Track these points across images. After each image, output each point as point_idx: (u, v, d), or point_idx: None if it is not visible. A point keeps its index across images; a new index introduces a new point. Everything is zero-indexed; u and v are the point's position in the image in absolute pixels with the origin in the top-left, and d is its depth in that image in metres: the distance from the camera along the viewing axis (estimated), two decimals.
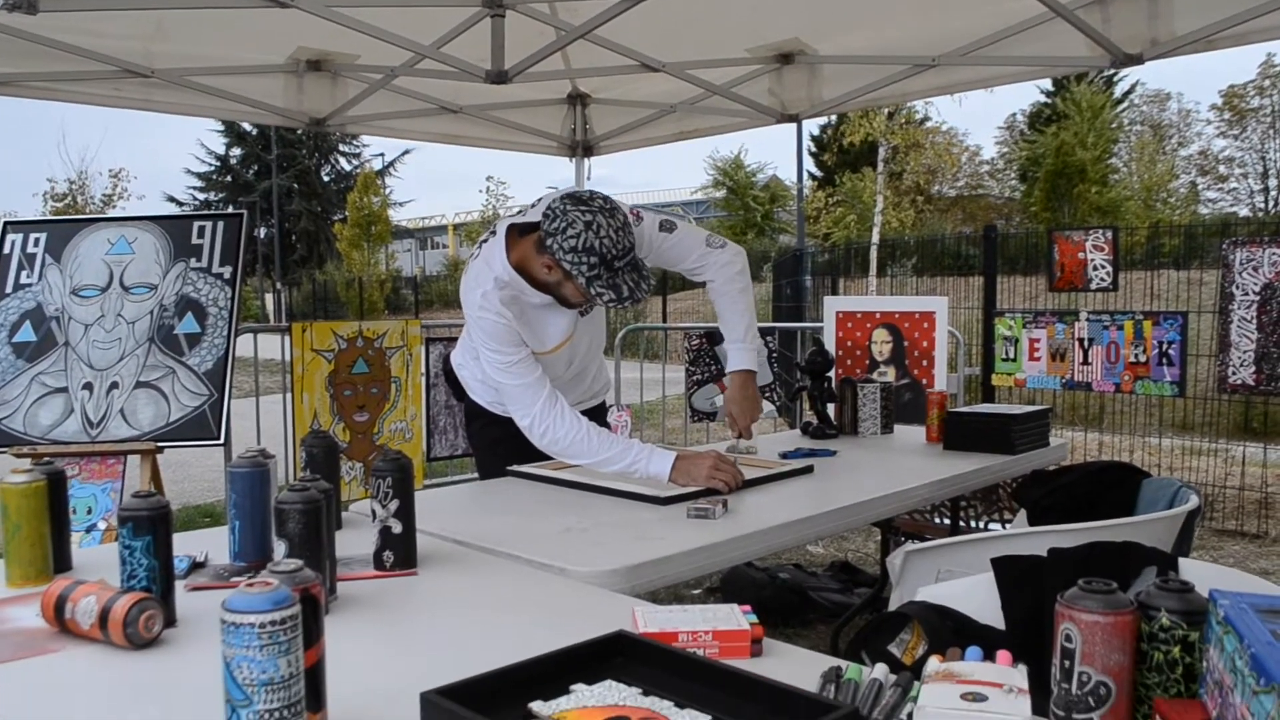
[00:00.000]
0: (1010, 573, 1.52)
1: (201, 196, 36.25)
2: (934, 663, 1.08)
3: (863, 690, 1.11)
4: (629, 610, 1.38)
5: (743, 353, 2.58)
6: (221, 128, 34.88)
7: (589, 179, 5.07)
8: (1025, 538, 1.88)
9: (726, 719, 1.04)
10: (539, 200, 2.44)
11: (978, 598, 1.51)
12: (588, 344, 2.61)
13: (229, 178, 36.50)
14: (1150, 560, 1.49)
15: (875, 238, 17.60)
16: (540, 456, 2.40)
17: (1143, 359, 4.52)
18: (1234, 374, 4.48)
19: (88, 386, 3.63)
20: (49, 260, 3.79)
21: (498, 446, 2.55)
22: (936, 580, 1.85)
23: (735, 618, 1.31)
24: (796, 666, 1.21)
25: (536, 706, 1.08)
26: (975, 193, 28.18)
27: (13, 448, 3.48)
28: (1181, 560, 1.55)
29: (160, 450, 3.55)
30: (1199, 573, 1.43)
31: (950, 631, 1.42)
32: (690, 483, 2.18)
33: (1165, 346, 4.48)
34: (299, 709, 0.95)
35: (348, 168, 37.25)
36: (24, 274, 3.76)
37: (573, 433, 2.26)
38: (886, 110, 17.71)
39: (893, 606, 1.93)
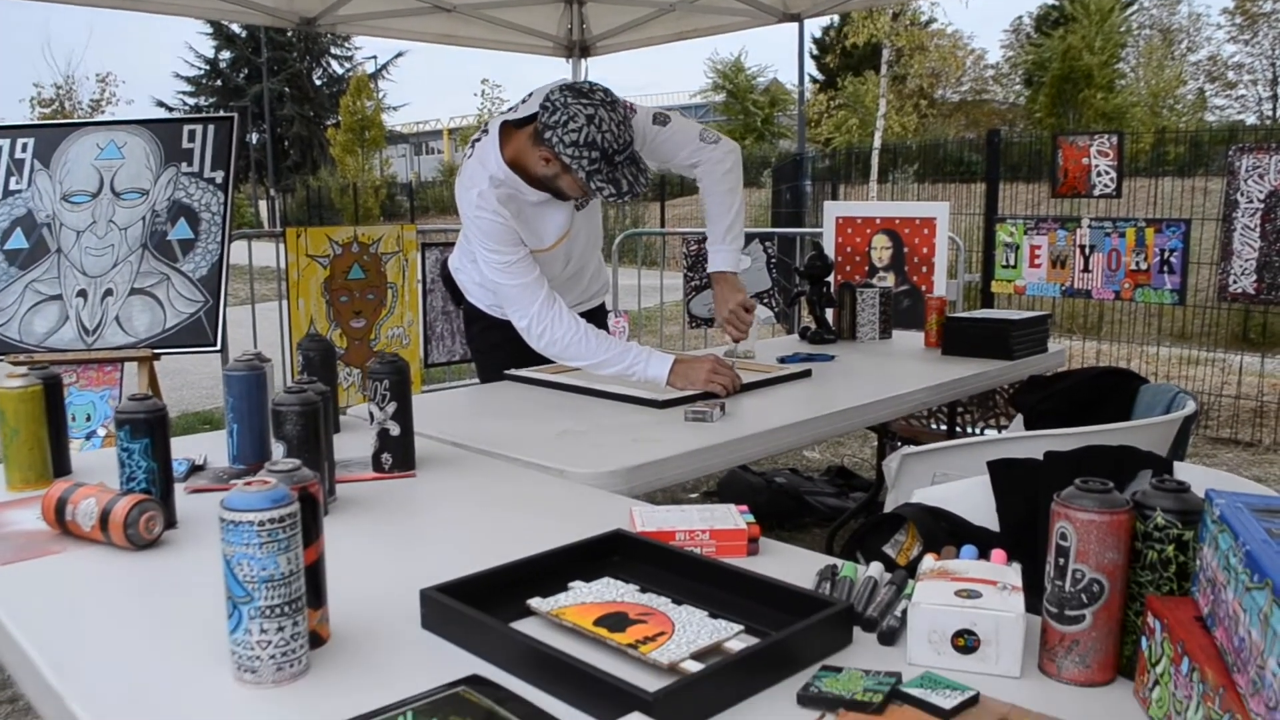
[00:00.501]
0: (1006, 475, 1.53)
1: (191, 101, 35.59)
2: (929, 560, 1.09)
3: (858, 587, 1.12)
4: (627, 510, 1.39)
5: (721, 254, 2.55)
6: (210, 29, 34.07)
7: None
8: (1021, 442, 1.89)
9: (723, 615, 1.05)
10: (530, 95, 2.38)
11: (972, 500, 1.52)
12: (585, 240, 2.58)
13: (219, 82, 35.78)
14: (1145, 464, 1.50)
15: (877, 143, 17.34)
16: (539, 360, 2.40)
17: (1144, 267, 4.49)
18: (1235, 282, 4.46)
19: (82, 294, 3.61)
20: (38, 166, 3.73)
21: (497, 350, 2.55)
22: (932, 483, 1.86)
23: (732, 517, 1.32)
24: (792, 565, 1.23)
25: (535, 603, 1.09)
26: (979, 98, 27.70)
27: (9, 355, 3.48)
28: (1176, 464, 1.56)
29: (157, 357, 3.55)
30: (1194, 476, 1.43)
31: (945, 533, 1.43)
32: (688, 386, 2.18)
33: (1167, 254, 4.45)
34: (300, 605, 0.96)
35: (340, 71, 36.53)
36: (13, 180, 3.71)
37: (570, 334, 2.25)
38: (891, 10, 17.27)
39: (888, 509, 1.95)
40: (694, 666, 0.93)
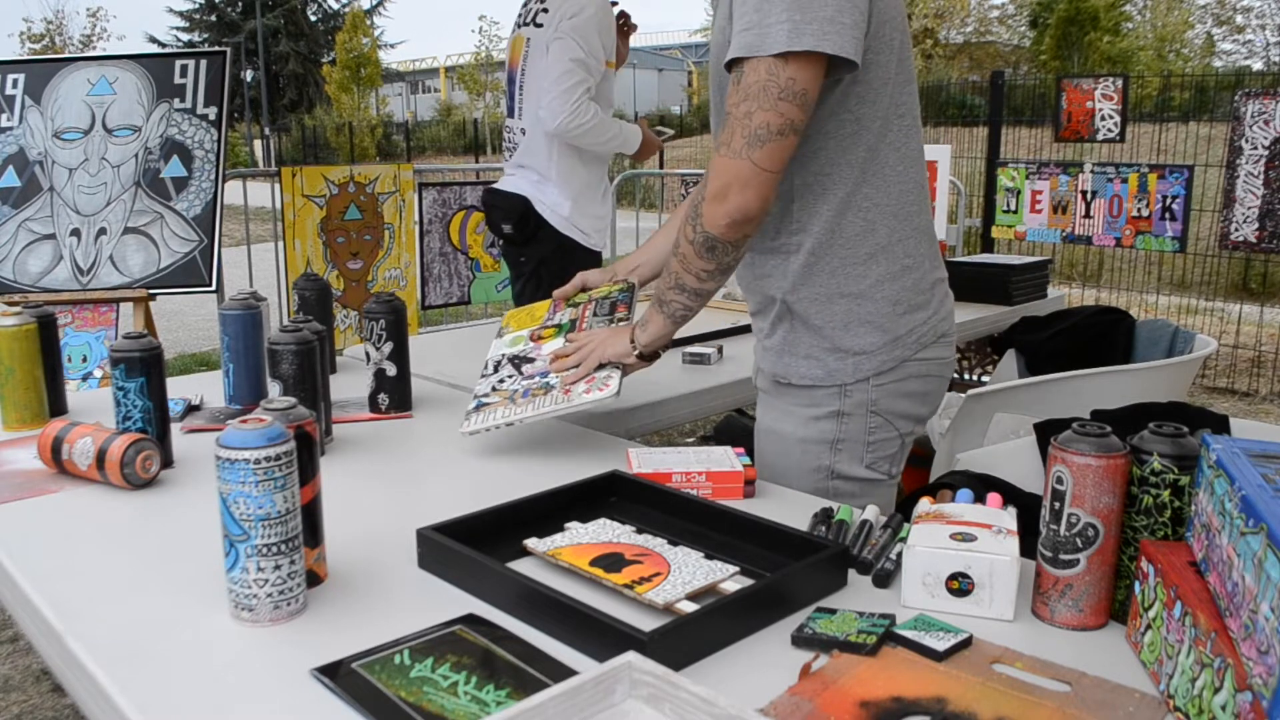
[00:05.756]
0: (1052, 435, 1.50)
1: (185, 37, 35.07)
2: (924, 504, 1.09)
3: (853, 530, 1.13)
4: (623, 452, 1.39)
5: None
6: None
7: None
8: (1080, 381, 1.87)
9: (719, 556, 1.05)
10: None
11: (1022, 462, 1.49)
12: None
13: (213, 16, 35.22)
14: (1203, 423, 1.47)
15: None
16: None
17: (1145, 213, 4.46)
18: (1236, 230, 4.44)
19: (75, 233, 3.57)
20: (29, 102, 3.67)
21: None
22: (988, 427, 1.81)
23: (729, 459, 1.32)
24: (788, 507, 1.23)
25: (531, 543, 1.09)
26: (983, 39, 27.32)
27: (3, 295, 3.45)
28: (1233, 421, 1.52)
29: (153, 297, 3.53)
30: (1252, 434, 1.40)
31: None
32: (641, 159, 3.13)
33: (1169, 201, 4.42)
34: (296, 543, 0.96)
35: (335, 6, 35.96)
36: (4, 117, 3.65)
37: (593, 117, 2.75)
38: None
39: (939, 456, 1.92)
40: (689, 607, 0.94)
